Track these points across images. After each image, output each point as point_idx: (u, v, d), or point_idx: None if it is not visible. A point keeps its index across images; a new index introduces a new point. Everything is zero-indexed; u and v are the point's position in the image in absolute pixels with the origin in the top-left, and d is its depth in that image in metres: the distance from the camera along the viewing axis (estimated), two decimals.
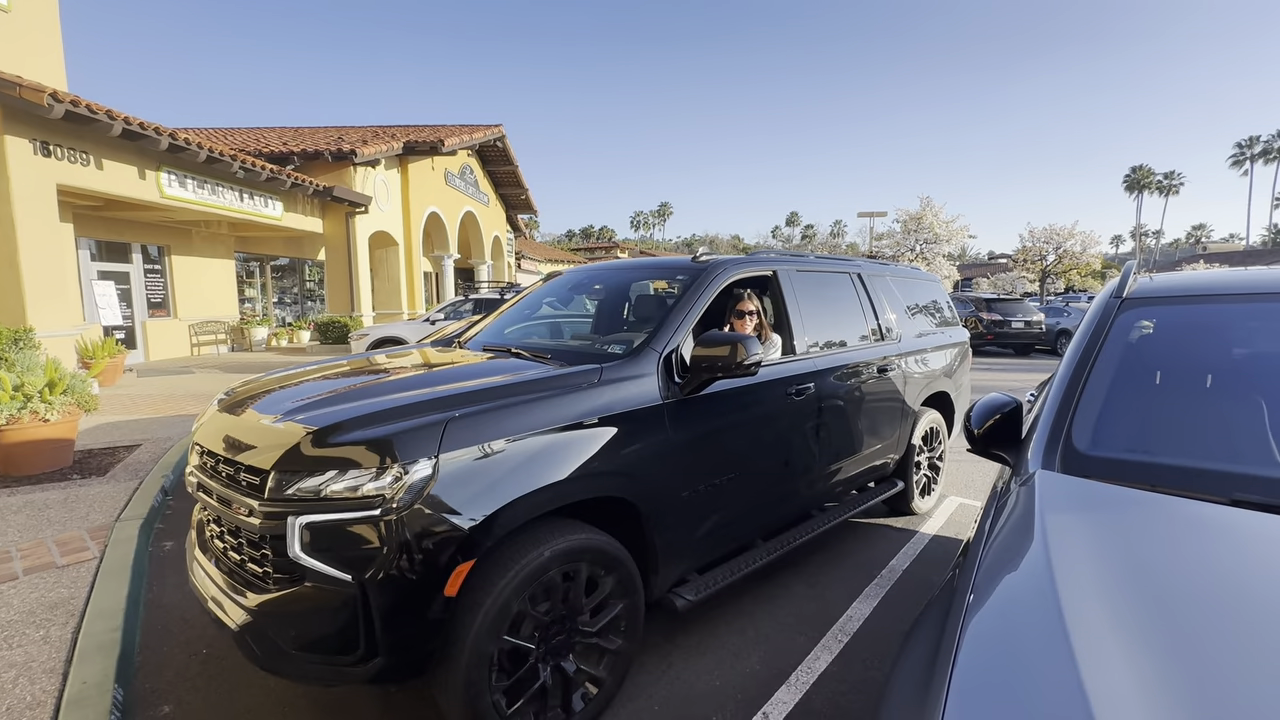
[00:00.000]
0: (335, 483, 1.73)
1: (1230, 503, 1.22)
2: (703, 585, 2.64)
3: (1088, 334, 1.82)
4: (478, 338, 3.43)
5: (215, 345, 14.88)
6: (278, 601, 1.78)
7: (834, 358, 3.39)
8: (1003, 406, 1.82)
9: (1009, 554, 1.22)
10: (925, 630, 1.21)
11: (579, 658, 2.14)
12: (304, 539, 1.72)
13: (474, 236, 23.96)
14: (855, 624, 2.92)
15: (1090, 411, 1.61)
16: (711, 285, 2.87)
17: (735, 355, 2.34)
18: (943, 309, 4.88)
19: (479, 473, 1.85)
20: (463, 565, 1.79)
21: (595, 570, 2.13)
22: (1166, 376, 1.79)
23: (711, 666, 2.57)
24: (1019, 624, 1.00)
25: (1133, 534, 1.18)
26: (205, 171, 11.45)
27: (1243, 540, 1.11)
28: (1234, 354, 1.87)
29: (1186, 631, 0.90)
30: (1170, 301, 1.98)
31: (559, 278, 3.95)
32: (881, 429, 3.82)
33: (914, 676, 1.07)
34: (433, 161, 19.21)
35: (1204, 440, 1.59)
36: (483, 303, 11.92)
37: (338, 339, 15.13)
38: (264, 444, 1.90)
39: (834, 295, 3.69)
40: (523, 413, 2.02)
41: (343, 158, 14.87)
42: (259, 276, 17.51)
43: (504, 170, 24.31)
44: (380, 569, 1.69)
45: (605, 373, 2.32)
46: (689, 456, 2.49)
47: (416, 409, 1.92)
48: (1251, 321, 1.96)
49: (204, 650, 2.65)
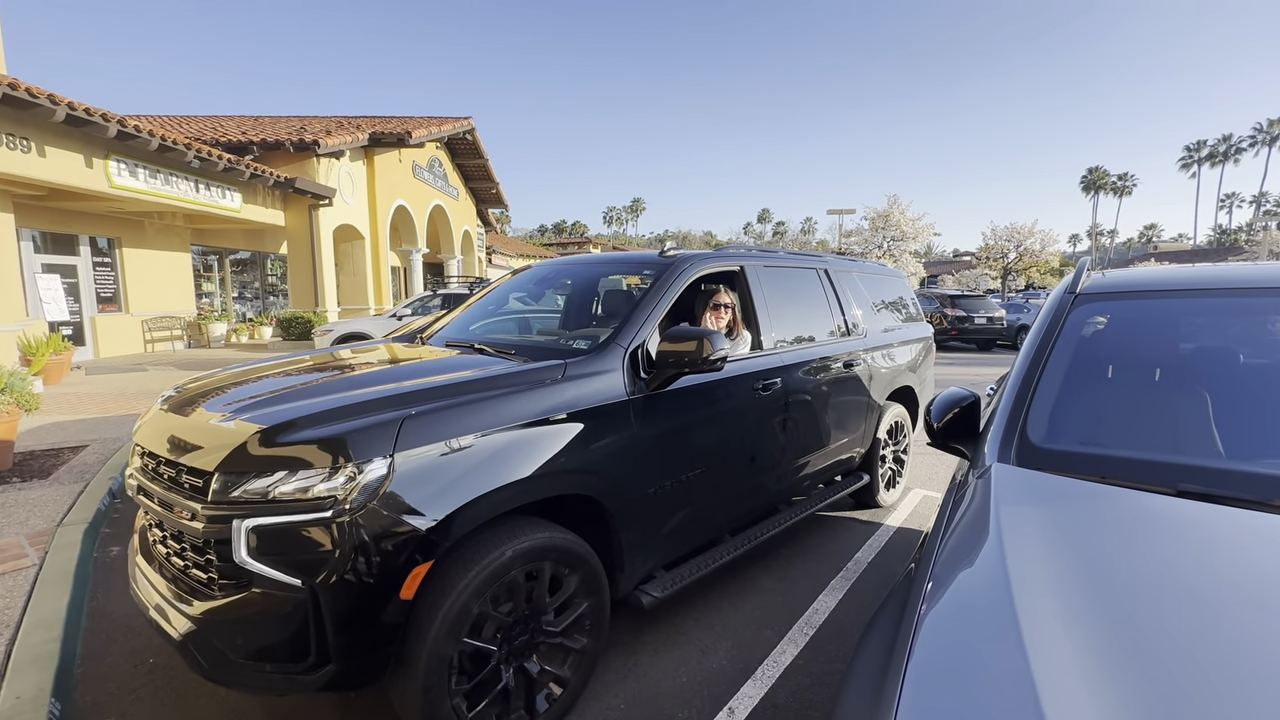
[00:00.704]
0: (284, 484, 1.66)
1: (1176, 494, 1.25)
2: (669, 582, 2.62)
3: (1042, 329, 1.86)
4: (441, 333, 3.35)
5: (170, 342, 14.34)
6: (223, 609, 1.70)
7: (801, 353, 3.41)
8: (961, 400, 1.84)
9: (965, 546, 1.22)
10: (884, 620, 1.22)
11: (543, 658, 2.11)
12: (251, 543, 1.64)
13: (443, 231, 23.56)
14: (821, 617, 2.94)
15: (1044, 405, 1.64)
16: (678, 280, 2.85)
17: (701, 351, 2.33)
18: (908, 305, 4.95)
19: (438, 471, 1.79)
20: (420, 567, 1.74)
21: (559, 569, 2.09)
22: (1117, 370, 1.84)
23: (678, 663, 2.57)
24: (973, 615, 1.01)
25: (1083, 526, 1.20)
26: (158, 161, 10.99)
27: (1186, 531, 1.14)
28: (1181, 348, 1.93)
29: (1130, 619, 0.92)
30: (1122, 297, 2.03)
31: (526, 272, 3.89)
32: (847, 423, 3.86)
33: (872, 666, 1.07)
34: (400, 154, 18.80)
35: (1152, 433, 1.63)
36: (451, 298, 11.73)
37: (301, 335, 14.71)
38: (208, 444, 1.82)
39: (801, 291, 3.71)
40: (484, 409, 1.97)
41: (305, 148, 14.43)
42: (218, 270, 16.93)
43: (474, 164, 23.94)
44: (333, 573, 1.63)
45: (570, 368, 2.28)
46: (655, 453, 2.47)
47: (372, 406, 1.86)
48: (1197, 316, 2.03)
49: (151, 660, 2.54)
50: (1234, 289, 1.99)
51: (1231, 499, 1.20)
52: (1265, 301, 1.93)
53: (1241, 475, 1.31)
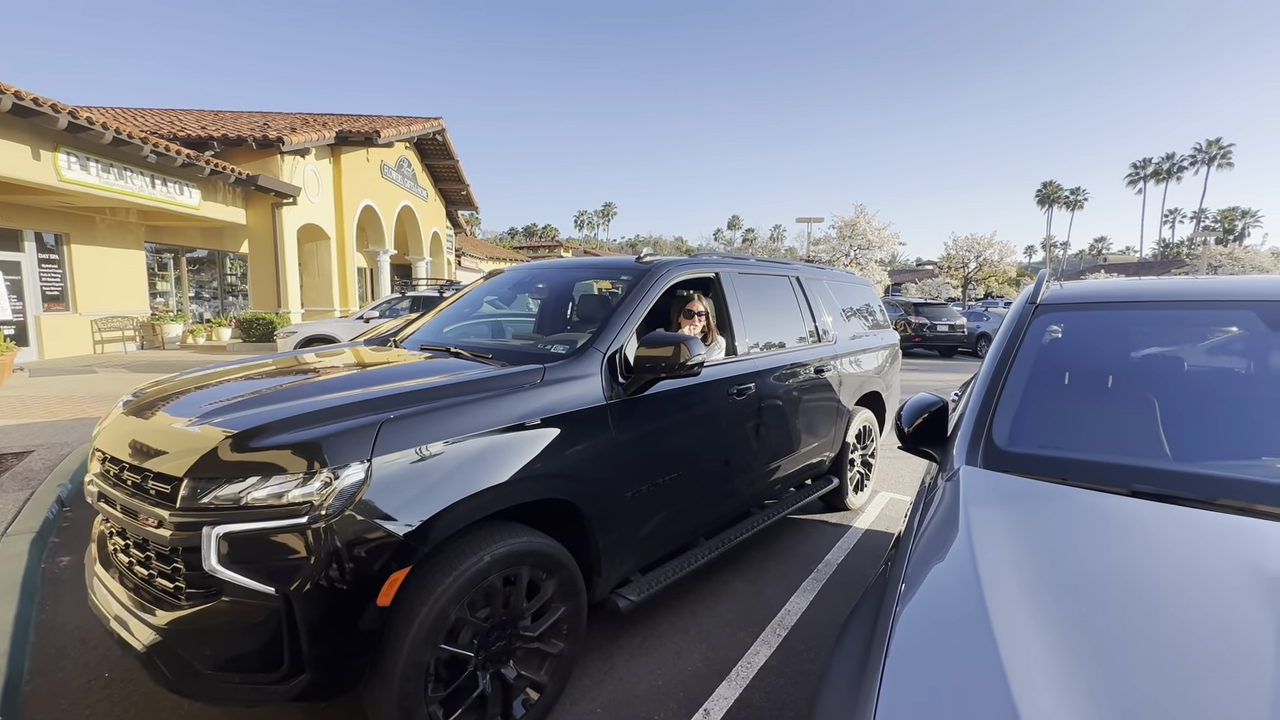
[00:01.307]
0: (257, 490, 1.63)
1: (1130, 494, 1.33)
2: (645, 585, 2.64)
3: (1006, 337, 1.94)
4: (414, 336, 3.31)
5: (122, 343, 13.76)
6: (190, 618, 1.65)
7: (774, 359, 3.48)
8: (930, 406, 1.91)
9: (937, 546, 1.27)
10: (861, 620, 1.25)
11: (520, 663, 2.10)
12: (221, 550, 1.60)
13: (412, 232, 23.18)
14: (793, 618, 3.00)
15: (1009, 410, 1.71)
16: (655, 286, 2.88)
17: (679, 356, 2.36)
18: (875, 312, 5.09)
19: (416, 476, 1.78)
20: (397, 573, 1.72)
21: (537, 574, 2.09)
22: (1075, 377, 1.93)
23: (654, 666, 2.58)
24: (946, 611, 1.05)
25: (1045, 525, 1.26)
26: (111, 154, 10.56)
27: (1139, 528, 1.21)
28: (1131, 356, 2.04)
29: (1089, 610, 0.97)
30: (1078, 308, 2.13)
31: (500, 276, 3.87)
32: (818, 428, 3.94)
33: (851, 664, 1.10)
34: (368, 153, 18.45)
35: (1106, 436, 1.72)
36: (421, 300, 11.54)
37: (262, 337, 14.28)
38: (176, 449, 1.77)
39: (774, 298, 3.78)
40: (462, 414, 1.96)
41: (268, 145, 14.04)
42: (173, 269, 16.33)
43: (444, 165, 23.64)
44: (307, 580, 1.60)
45: (548, 373, 2.28)
46: (632, 457, 2.49)
47: (348, 410, 1.83)
48: (1146, 327, 2.14)
49: (106, 674, 2.44)
50: (1178, 302, 2.11)
51: (1178, 498, 1.28)
52: (1206, 314, 2.05)
53: (1187, 476, 1.39)
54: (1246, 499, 1.26)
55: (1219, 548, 1.09)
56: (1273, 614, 0.90)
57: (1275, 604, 0.92)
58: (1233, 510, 1.22)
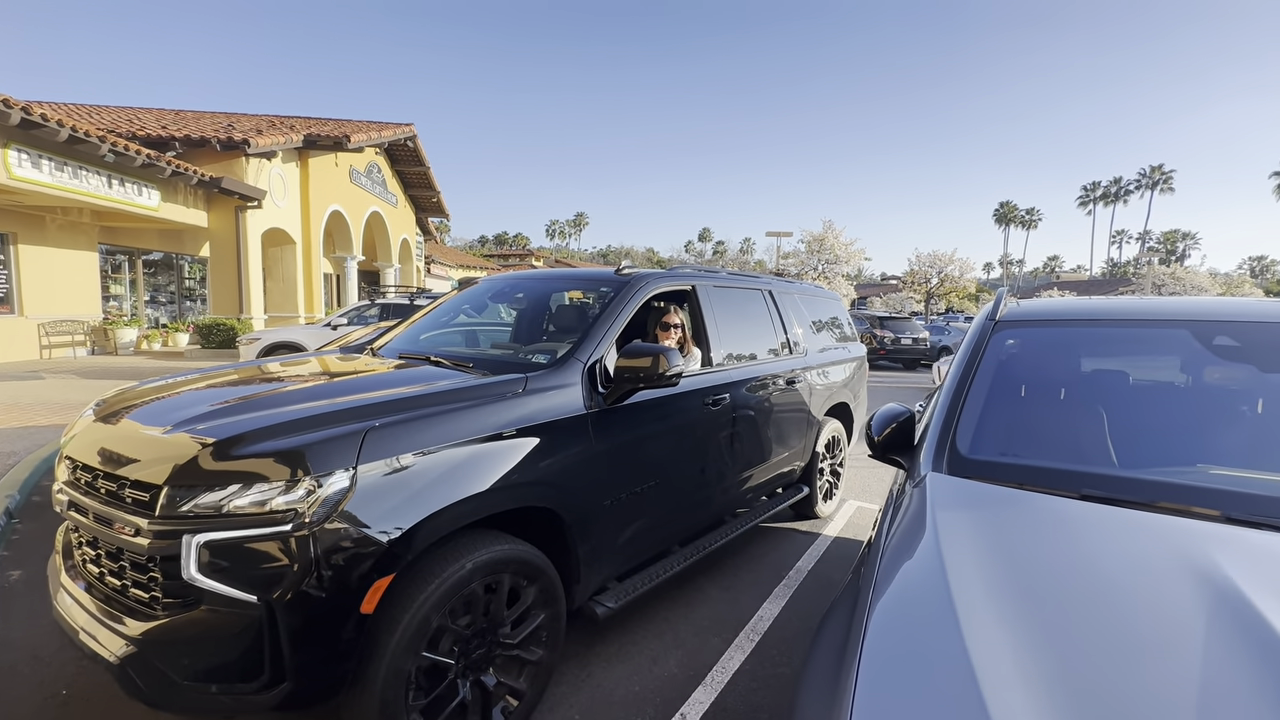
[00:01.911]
0: (239, 497, 1.62)
1: (1079, 497, 1.43)
2: (623, 592, 2.68)
3: (968, 351, 2.06)
4: (391, 344, 3.30)
5: (72, 348, 13.19)
6: (167, 628, 1.63)
7: (747, 370, 3.57)
8: (898, 416, 2.01)
9: (906, 548, 1.35)
10: (835, 621, 1.32)
11: (499, 670, 2.12)
12: (201, 559, 1.59)
13: (380, 238, 22.83)
14: (766, 623, 3.07)
15: (971, 420, 1.82)
16: (634, 298, 2.94)
17: (658, 366, 2.42)
18: (843, 325, 5.25)
19: (400, 484, 1.79)
20: (381, 580, 1.73)
21: (518, 581, 2.11)
22: (1031, 389, 2.06)
23: (630, 672, 2.61)
24: (917, 610, 1.13)
25: (1005, 527, 1.36)
26: (66, 153, 10.18)
27: (1088, 528, 1.31)
28: (1082, 370, 2.18)
29: (1047, 605, 1.06)
30: (1035, 324, 2.27)
31: (478, 285, 3.89)
32: (789, 437, 4.04)
33: (827, 665, 1.16)
34: (336, 158, 18.16)
35: (1060, 444, 1.84)
36: (391, 308, 11.38)
37: (222, 343, 13.85)
38: (155, 457, 1.74)
39: (747, 310, 3.88)
40: (445, 422, 1.98)
41: (233, 147, 13.72)
42: (128, 272, 15.72)
43: (414, 171, 23.40)
44: (290, 588, 1.59)
45: (530, 382, 2.32)
46: (612, 465, 2.53)
47: (331, 418, 1.84)
48: (1096, 343, 2.29)
49: (64, 691, 2.35)
50: (1123, 320, 2.27)
51: (1123, 501, 1.39)
52: (1147, 332, 2.21)
53: (1130, 481, 1.51)
54: (1183, 502, 1.38)
55: (1157, 545, 1.20)
56: (1202, 602, 1.00)
57: (1203, 594, 1.02)
58: (1170, 512, 1.34)
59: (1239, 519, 1.28)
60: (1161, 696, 0.84)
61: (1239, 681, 0.84)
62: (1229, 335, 1.94)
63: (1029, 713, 0.82)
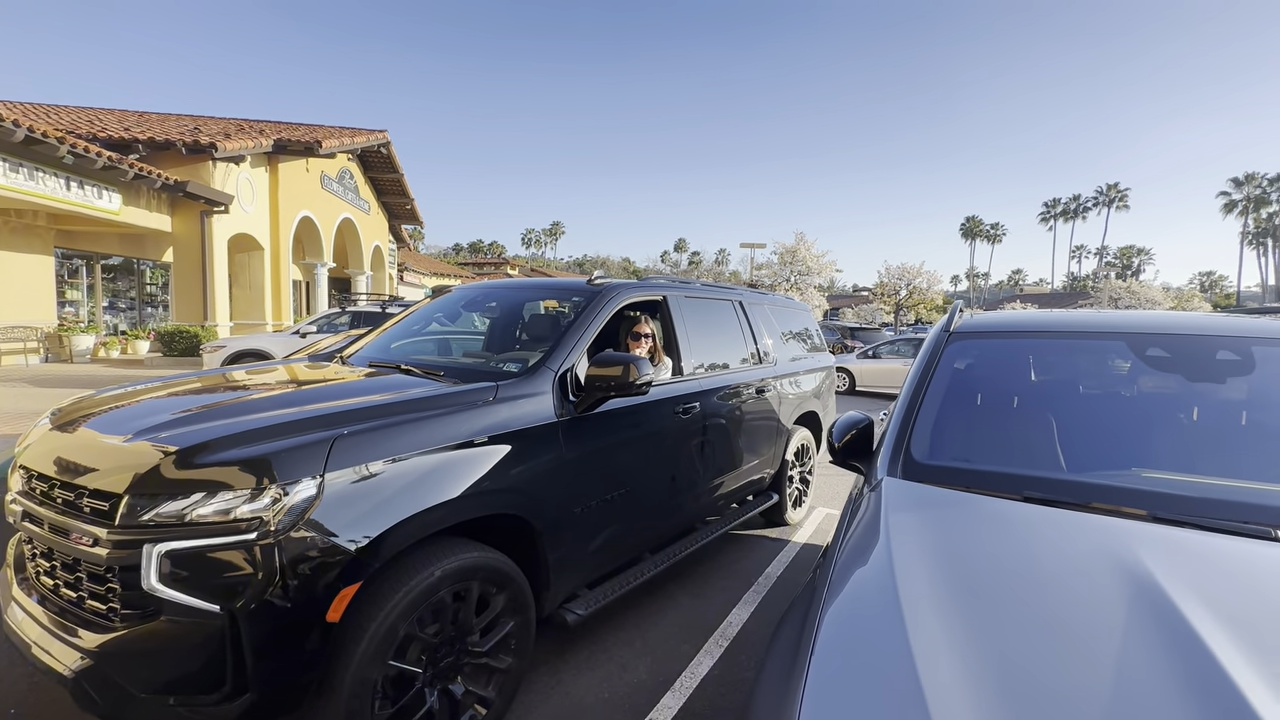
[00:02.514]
0: (203, 506, 1.61)
1: (1022, 499, 1.51)
2: (593, 600, 2.70)
3: (923, 362, 2.15)
4: (362, 353, 3.29)
5: (24, 355, 12.68)
6: (125, 640, 1.60)
7: (717, 379, 3.63)
8: (858, 423, 2.08)
9: (860, 551, 1.41)
10: (791, 622, 1.37)
11: (467, 679, 2.12)
12: (162, 569, 1.57)
13: (352, 245, 22.52)
14: (734, 629, 3.11)
15: (925, 427, 1.90)
16: (606, 307, 2.98)
17: (628, 375, 2.46)
18: (812, 336, 5.37)
19: (369, 492, 1.80)
20: (347, 589, 1.73)
21: (487, 588, 2.12)
22: (983, 398, 2.16)
23: (600, 680, 2.63)
24: (866, 607, 1.18)
25: (952, 528, 1.43)
26: (22, 154, 9.87)
27: (1027, 528, 1.39)
28: (1033, 379, 2.29)
29: (985, 601, 1.13)
30: (987, 336, 2.38)
31: (451, 294, 3.89)
32: (759, 446, 4.12)
33: (780, 667, 1.20)
34: (308, 163, 17.91)
35: (1010, 450, 1.93)
36: (362, 315, 11.23)
37: (185, 351, 13.49)
38: (114, 465, 1.72)
39: (718, 321, 3.96)
40: (416, 430, 1.99)
41: (200, 150, 13.44)
42: (85, 277, 15.22)
43: (388, 178, 23.17)
44: (254, 597, 1.59)
45: (501, 390, 2.34)
46: (582, 473, 2.56)
47: (299, 426, 1.83)
48: (1046, 354, 2.41)
49: (12, 711, 2.28)
50: (1069, 332, 2.39)
51: (1061, 503, 1.48)
52: (1090, 343, 2.34)
53: (1068, 484, 1.60)
54: (1114, 503, 1.47)
55: (1089, 543, 1.28)
56: (1125, 595, 1.08)
57: (1126, 587, 1.10)
58: (1104, 512, 1.42)
59: (1164, 518, 1.38)
60: (1083, 686, 0.91)
61: (1152, 668, 0.91)
62: (1160, 347, 2.06)
63: (966, 711, 0.87)
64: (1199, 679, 0.89)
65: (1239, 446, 1.80)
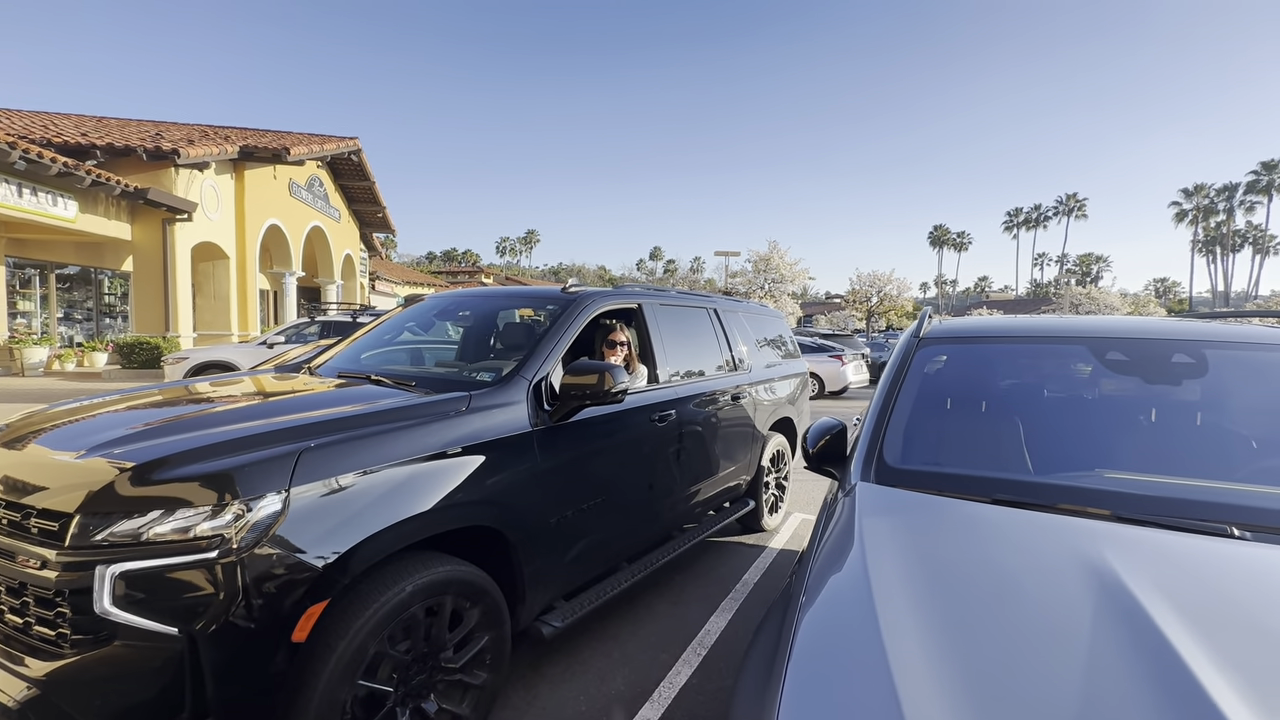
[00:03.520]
0: (160, 524, 1.55)
1: (991, 501, 1.54)
2: (569, 611, 2.66)
3: (894, 368, 2.18)
4: (330, 363, 3.21)
5: None
6: (75, 667, 1.53)
7: (693, 386, 3.64)
8: (831, 429, 2.10)
9: (835, 555, 1.42)
10: (768, 629, 1.37)
11: (441, 696, 2.07)
12: (116, 591, 1.50)
13: (322, 253, 22.11)
14: (713, 637, 3.10)
15: (897, 432, 1.93)
16: (581, 316, 2.97)
17: (603, 383, 2.45)
18: (786, 342, 5.42)
19: (337, 506, 1.75)
20: (314, 607, 1.67)
21: (461, 603, 2.08)
22: (953, 402, 2.20)
23: (577, 692, 2.59)
24: (841, 616, 1.18)
25: (923, 530, 1.44)
26: None
27: (995, 529, 1.42)
28: (1000, 384, 2.34)
29: (956, 602, 1.14)
30: (956, 341, 2.43)
31: (423, 303, 3.83)
32: (735, 452, 4.13)
33: (758, 672, 1.20)
34: (275, 170, 17.56)
35: (978, 453, 1.97)
36: (332, 325, 11.00)
37: (146, 363, 13.05)
38: (63, 484, 1.65)
39: (693, 328, 3.97)
40: (386, 442, 1.95)
41: (162, 157, 13.09)
42: (39, 287, 14.66)
43: (359, 185, 22.84)
44: (215, 618, 1.52)
45: (474, 400, 2.31)
46: (558, 483, 2.53)
47: (263, 440, 1.78)
48: (1013, 359, 2.46)
49: None
50: (1038, 337, 2.45)
51: (1028, 504, 1.51)
52: (1054, 348, 2.40)
53: (1034, 485, 1.63)
54: (1080, 503, 1.51)
55: (1055, 543, 1.31)
56: (1090, 593, 1.10)
57: (1091, 586, 1.12)
58: (1069, 512, 1.46)
59: (1126, 517, 1.41)
60: (1053, 686, 0.92)
61: (1118, 665, 0.93)
62: (1119, 351, 2.13)
63: (940, 714, 0.88)
64: (1163, 674, 0.91)
65: (1195, 446, 1.86)
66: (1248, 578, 1.19)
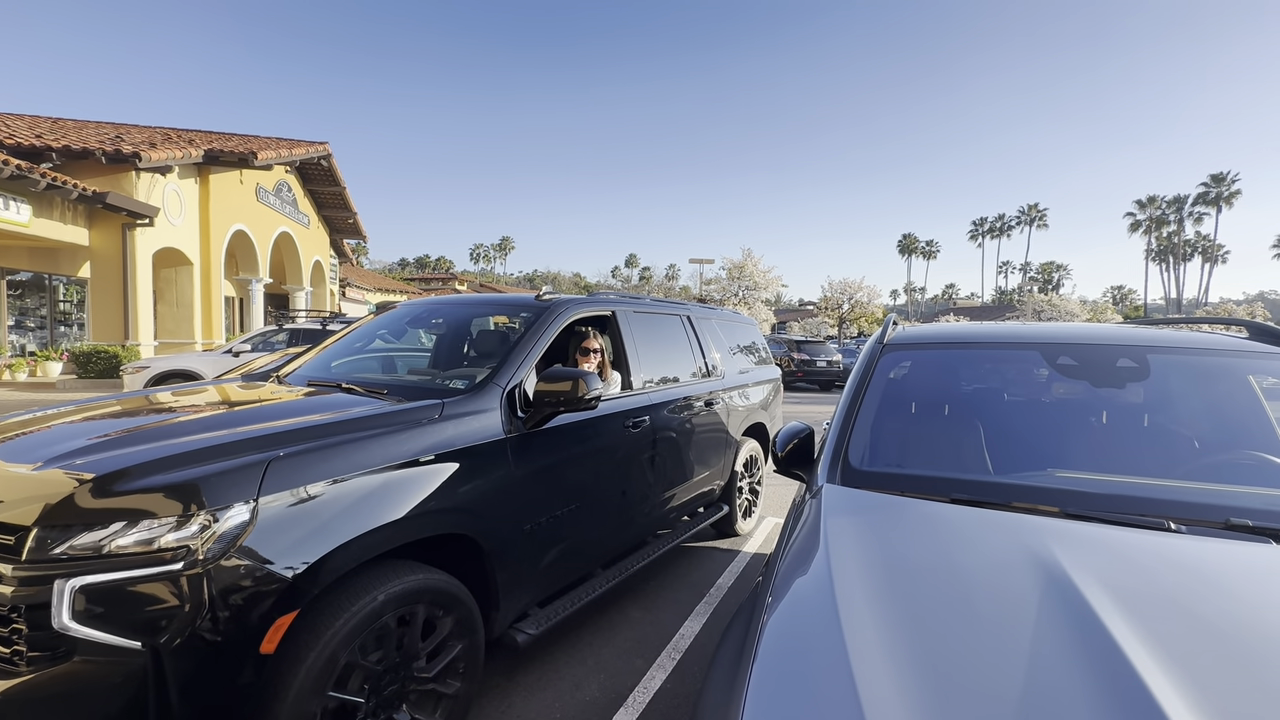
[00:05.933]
0: (123, 536, 1.52)
1: (949, 500, 1.60)
2: (544, 619, 2.66)
3: (859, 373, 2.25)
4: (300, 371, 3.17)
5: None
6: (32, 685, 1.48)
7: (667, 392, 3.68)
8: (799, 433, 2.16)
9: (801, 557, 1.46)
10: (735, 631, 1.40)
11: (413, 707, 2.05)
12: (76, 605, 1.47)
13: (290, 260, 21.67)
14: (687, 641, 3.13)
15: (862, 435, 1.99)
16: (555, 323, 2.99)
17: (577, 390, 2.47)
18: (759, 349, 5.50)
19: (307, 515, 1.73)
20: (284, 617, 1.65)
21: (433, 611, 2.07)
22: (916, 406, 2.27)
23: (552, 700, 2.59)
24: (805, 617, 1.22)
25: (884, 529, 1.50)
26: None
27: (953, 527, 1.48)
28: (962, 388, 2.43)
29: (914, 597, 1.19)
30: (919, 347, 2.51)
31: (394, 310, 3.80)
32: (709, 458, 4.18)
33: (724, 674, 1.23)
34: (242, 175, 17.19)
35: (940, 455, 2.04)
36: (301, 333, 10.78)
37: (103, 372, 12.61)
38: (20, 496, 1.60)
39: (667, 335, 4.02)
40: (357, 450, 1.94)
41: (123, 160, 12.71)
42: None
43: (329, 191, 22.47)
44: (180, 631, 1.50)
45: (448, 408, 2.30)
46: (531, 489, 2.54)
47: (230, 449, 1.76)
48: (974, 364, 2.55)
49: None
50: (999, 343, 2.55)
51: (985, 503, 1.58)
52: (1020, 353, 2.50)
53: (990, 485, 1.70)
54: (1032, 501, 1.58)
55: (1007, 539, 1.37)
56: (1038, 586, 1.16)
57: (1039, 579, 1.18)
58: (1023, 510, 1.53)
59: (1074, 514, 1.49)
60: (1001, 680, 0.97)
61: (1061, 657, 0.99)
62: (1069, 356, 2.23)
63: (898, 709, 0.92)
64: (1100, 659, 0.97)
65: (1139, 446, 1.96)
66: (1181, 568, 1.27)
